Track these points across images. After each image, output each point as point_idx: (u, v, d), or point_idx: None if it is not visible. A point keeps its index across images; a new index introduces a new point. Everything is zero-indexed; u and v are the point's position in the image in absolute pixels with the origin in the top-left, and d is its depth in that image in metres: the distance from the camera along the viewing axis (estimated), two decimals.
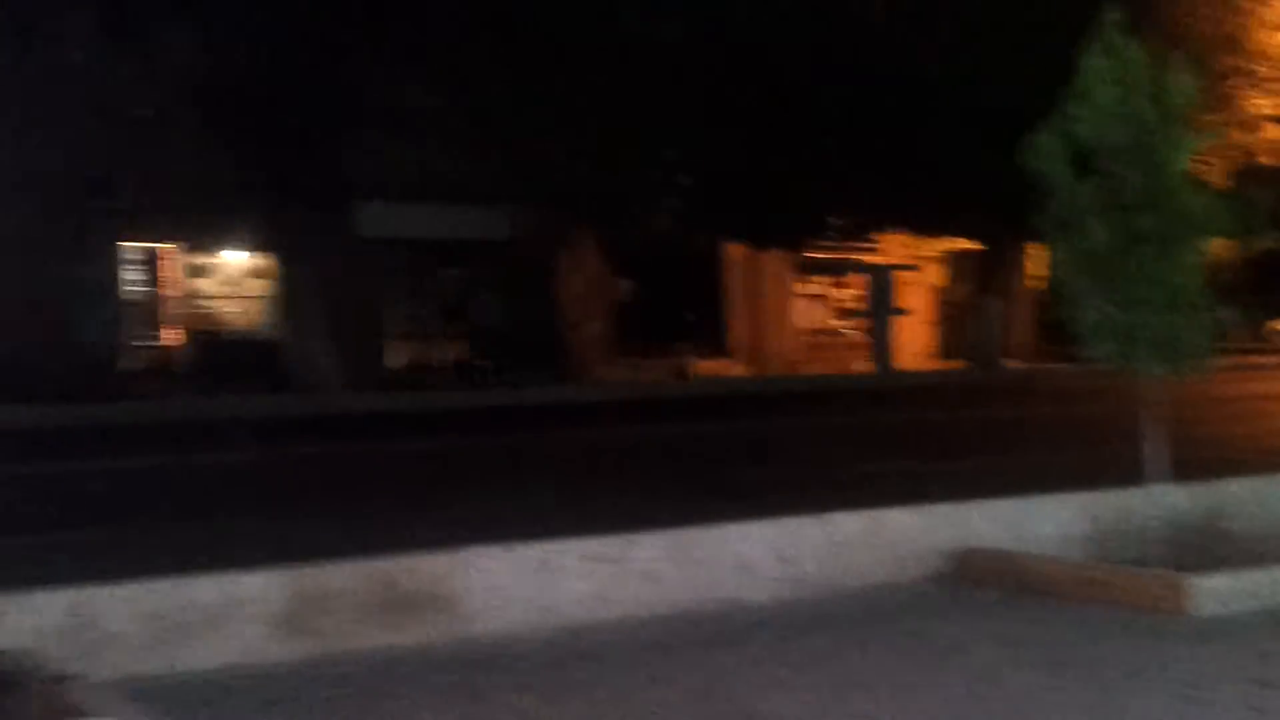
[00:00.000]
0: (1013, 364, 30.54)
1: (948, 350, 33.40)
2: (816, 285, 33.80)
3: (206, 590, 5.45)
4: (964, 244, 31.99)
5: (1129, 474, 6.93)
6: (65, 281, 22.19)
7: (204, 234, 25.47)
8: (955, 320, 33.29)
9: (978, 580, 6.76)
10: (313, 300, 23.80)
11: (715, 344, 30.70)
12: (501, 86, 21.90)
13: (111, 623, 5.23)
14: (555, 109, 22.04)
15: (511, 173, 23.51)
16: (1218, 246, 8.29)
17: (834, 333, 33.75)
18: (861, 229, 30.01)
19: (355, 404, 21.17)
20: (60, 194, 21.17)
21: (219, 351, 24.76)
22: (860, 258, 31.98)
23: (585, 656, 5.51)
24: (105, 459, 13.75)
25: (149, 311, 25.49)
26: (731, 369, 30.19)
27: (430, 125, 22.29)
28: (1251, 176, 25.03)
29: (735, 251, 30.52)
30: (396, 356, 26.78)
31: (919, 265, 33.25)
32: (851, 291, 33.53)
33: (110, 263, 24.41)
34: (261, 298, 26.24)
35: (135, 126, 21.06)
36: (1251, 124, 27.57)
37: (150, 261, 25.55)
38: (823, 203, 26.99)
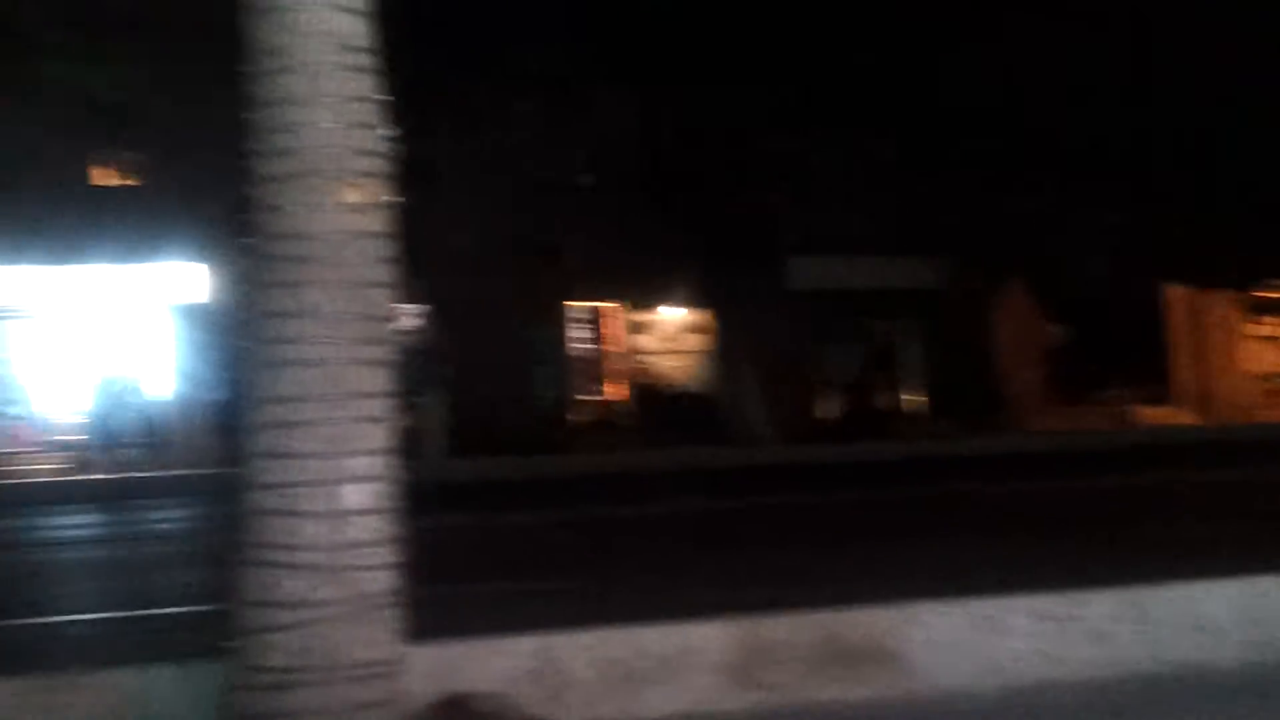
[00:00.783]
0: None
1: None
2: (1269, 326, 31.68)
3: (658, 639, 5.63)
4: None
5: None
6: (519, 341, 23.64)
7: (643, 292, 26.45)
8: None
9: None
10: (745, 353, 24.36)
11: (1156, 390, 29.24)
12: (930, 140, 21.84)
13: (573, 668, 5.47)
14: (987, 159, 21.77)
15: (941, 223, 23.32)
16: None
17: None
18: None
19: (789, 455, 21.41)
20: (513, 260, 22.56)
21: (658, 405, 25.61)
22: None
23: (1037, 717, 5.38)
24: (557, 510, 14.47)
25: (593, 367, 26.67)
26: (1177, 416, 28.67)
27: (860, 179, 22.45)
28: None
29: (1176, 293, 29.05)
30: (827, 407, 26.91)
31: None
32: None
33: (558, 322, 25.75)
34: (697, 352, 26.97)
35: (579, 194, 22.25)
36: None
37: (594, 320, 26.75)
38: (1275, 239, 25.37)
